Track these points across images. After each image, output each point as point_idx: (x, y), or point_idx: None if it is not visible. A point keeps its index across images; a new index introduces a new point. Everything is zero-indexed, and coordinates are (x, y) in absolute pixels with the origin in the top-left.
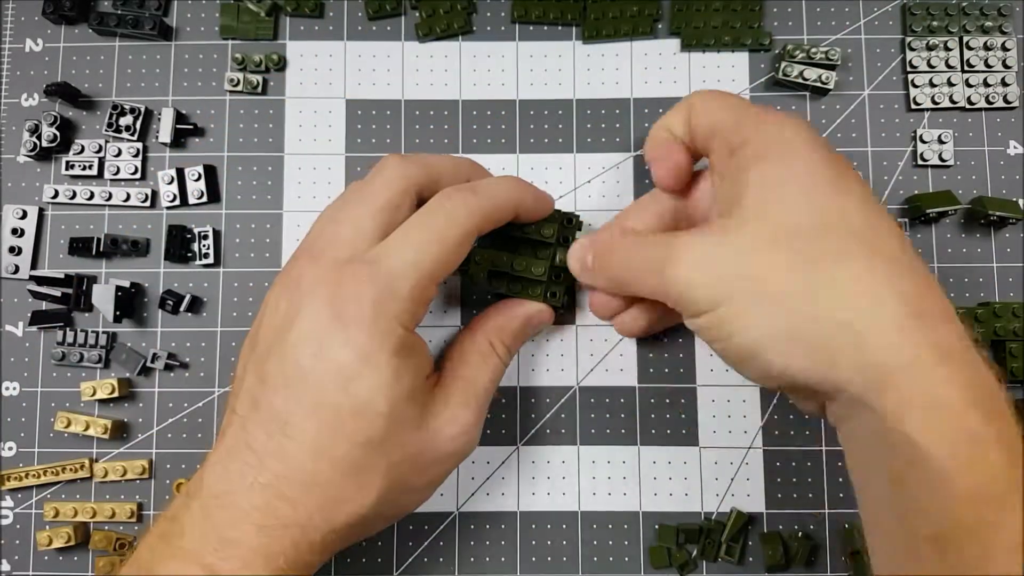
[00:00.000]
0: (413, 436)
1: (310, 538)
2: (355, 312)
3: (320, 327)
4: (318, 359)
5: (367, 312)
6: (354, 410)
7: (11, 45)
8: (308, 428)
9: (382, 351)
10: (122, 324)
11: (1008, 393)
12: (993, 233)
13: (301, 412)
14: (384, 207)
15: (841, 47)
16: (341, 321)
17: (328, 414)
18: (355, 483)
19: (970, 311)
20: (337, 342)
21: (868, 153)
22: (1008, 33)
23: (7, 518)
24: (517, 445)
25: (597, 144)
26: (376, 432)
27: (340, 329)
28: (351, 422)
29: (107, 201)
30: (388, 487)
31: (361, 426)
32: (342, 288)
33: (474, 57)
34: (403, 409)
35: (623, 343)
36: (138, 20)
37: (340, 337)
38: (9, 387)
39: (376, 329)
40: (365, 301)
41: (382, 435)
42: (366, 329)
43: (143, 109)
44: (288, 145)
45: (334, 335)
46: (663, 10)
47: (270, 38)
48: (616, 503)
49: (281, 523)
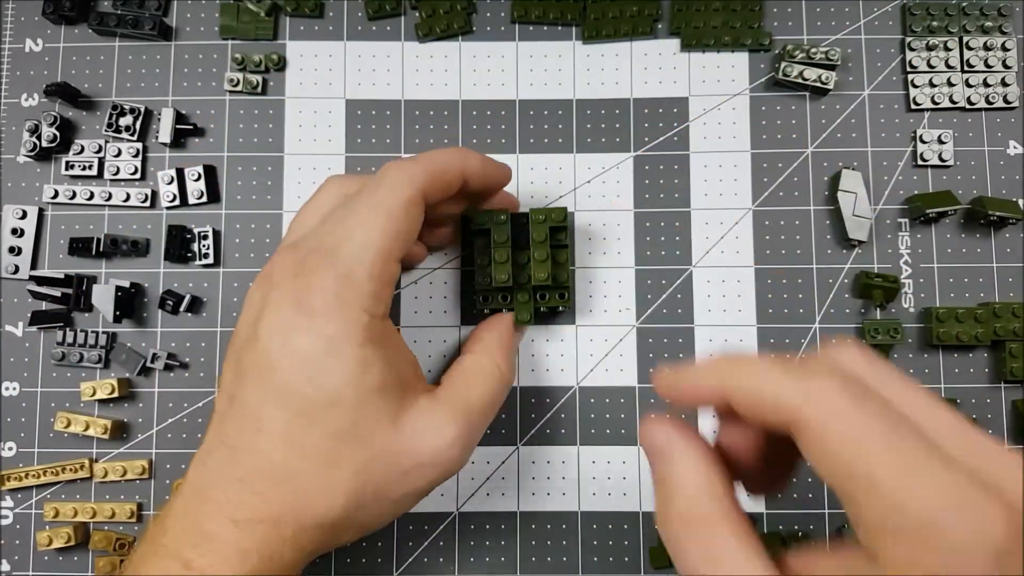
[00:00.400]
0: (386, 434)
1: (282, 534)
2: (319, 303)
3: (286, 318)
4: (285, 350)
5: (331, 302)
6: (321, 401)
7: (11, 45)
8: (278, 420)
9: (348, 342)
10: (122, 324)
11: None
12: (993, 233)
13: (272, 404)
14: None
15: (841, 47)
16: (306, 312)
17: (296, 405)
18: (325, 479)
19: (970, 311)
20: (302, 333)
21: (868, 153)
22: (1008, 33)
23: (7, 518)
24: (517, 445)
25: (597, 144)
26: (343, 423)
27: (305, 320)
28: (319, 413)
29: (107, 201)
30: (359, 488)
31: (328, 417)
32: (305, 278)
33: (474, 57)
34: (374, 401)
35: (623, 343)
36: (138, 20)
37: (305, 328)
38: (9, 387)
39: (341, 319)
40: (328, 291)
41: (349, 427)
42: (330, 319)
43: (143, 109)
44: (288, 145)
45: (299, 326)
46: (663, 10)
47: (270, 38)
48: (616, 503)
49: (255, 518)
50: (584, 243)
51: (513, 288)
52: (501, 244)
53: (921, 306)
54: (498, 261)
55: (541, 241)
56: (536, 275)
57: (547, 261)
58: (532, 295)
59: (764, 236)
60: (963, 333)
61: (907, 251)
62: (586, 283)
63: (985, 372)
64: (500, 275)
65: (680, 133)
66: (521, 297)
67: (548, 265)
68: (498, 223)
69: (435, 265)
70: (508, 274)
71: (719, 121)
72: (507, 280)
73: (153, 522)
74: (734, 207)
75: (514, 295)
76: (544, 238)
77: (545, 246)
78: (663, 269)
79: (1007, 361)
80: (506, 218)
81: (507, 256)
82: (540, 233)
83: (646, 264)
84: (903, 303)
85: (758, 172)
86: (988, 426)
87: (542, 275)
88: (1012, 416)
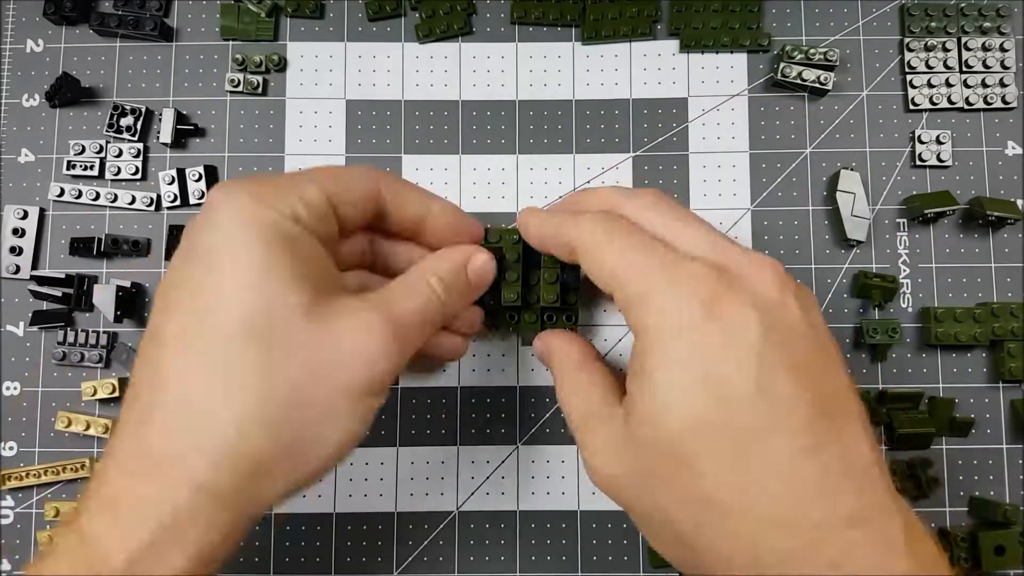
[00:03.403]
0: (297, 325)
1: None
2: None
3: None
4: (184, 253)
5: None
6: (219, 293)
7: (12, 46)
8: (173, 327)
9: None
10: (123, 324)
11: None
12: (991, 233)
13: (167, 314)
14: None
15: (840, 48)
16: (211, 213)
17: (191, 303)
18: (223, 382)
19: (968, 311)
20: (205, 232)
21: (867, 154)
22: (1006, 34)
23: (7, 518)
24: (517, 445)
25: (596, 145)
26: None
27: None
28: (213, 305)
29: (112, 203)
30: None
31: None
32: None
33: (474, 58)
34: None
35: (623, 343)
36: (139, 21)
37: (208, 226)
38: (10, 387)
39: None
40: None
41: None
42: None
43: (144, 109)
44: (288, 146)
45: (202, 227)
46: (662, 11)
47: (270, 39)
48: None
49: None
50: None
51: (521, 307)
52: (512, 264)
53: (919, 306)
54: (508, 281)
55: (552, 262)
56: (545, 297)
57: (556, 283)
58: (540, 316)
59: (763, 236)
60: (961, 333)
61: (905, 251)
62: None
63: (983, 372)
64: (509, 295)
65: (679, 134)
66: (528, 317)
67: (557, 287)
68: (511, 242)
69: None
70: (517, 294)
71: (718, 122)
72: (515, 300)
73: None
74: (733, 207)
75: (521, 315)
76: (554, 259)
77: (555, 268)
78: None
79: (1005, 361)
80: (519, 238)
81: (518, 276)
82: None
83: None
84: (901, 303)
85: (757, 172)
86: (987, 426)
87: (551, 297)
88: (1010, 416)
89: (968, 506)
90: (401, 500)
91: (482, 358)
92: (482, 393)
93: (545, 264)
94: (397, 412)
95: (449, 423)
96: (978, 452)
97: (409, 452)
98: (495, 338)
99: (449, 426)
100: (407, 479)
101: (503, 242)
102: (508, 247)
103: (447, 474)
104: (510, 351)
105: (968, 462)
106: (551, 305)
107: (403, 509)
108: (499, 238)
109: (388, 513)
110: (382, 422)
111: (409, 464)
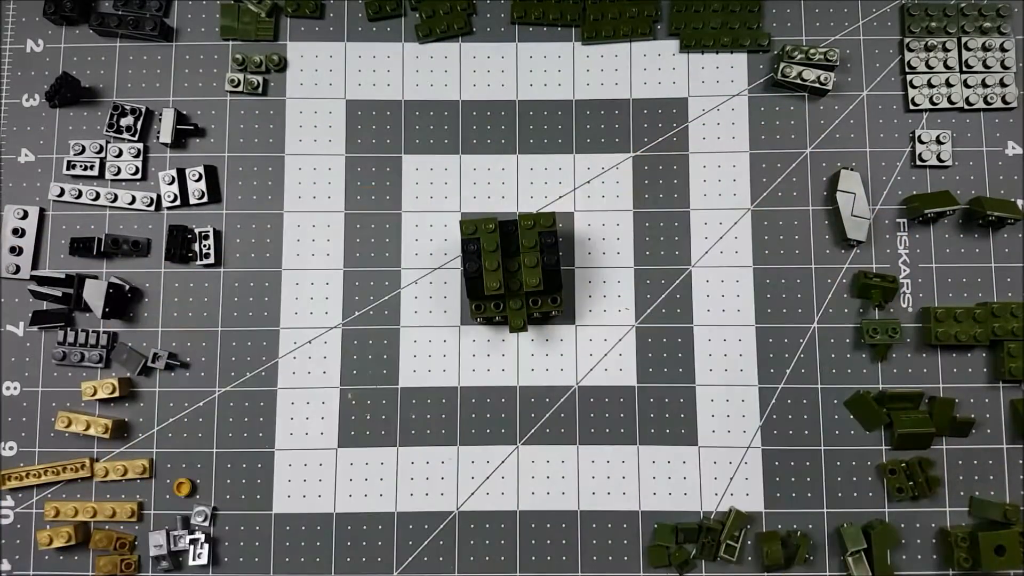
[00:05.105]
0: None
1: None
2: None
3: None
4: None
5: None
6: None
7: (12, 46)
8: None
9: None
10: (123, 324)
11: None
12: (991, 233)
13: None
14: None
15: (840, 48)
16: None
17: None
18: None
19: (968, 311)
20: None
21: (867, 154)
22: (1007, 34)
23: (7, 518)
24: (517, 445)
25: (596, 144)
26: None
27: None
28: None
29: (112, 203)
30: None
31: None
32: None
33: (474, 58)
34: None
35: (622, 343)
36: (139, 21)
37: None
38: (10, 387)
39: None
40: None
41: None
42: None
43: (144, 109)
44: (288, 145)
45: None
46: (662, 11)
47: (270, 39)
48: (616, 503)
49: None
50: (584, 243)
51: (505, 295)
52: (490, 252)
53: (919, 306)
54: (488, 269)
55: (531, 247)
56: (527, 281)
57: (537, 267)
58: (525, 301)
59: (763, 236)
60: (961, 333)
61: (905, 251)
62: (585, 283)
63: (983, 372)
64: (491, 283)
65: (679, 134)
66: (513, 304)
67: (539, 271)
68: (487, 231)
69: (435, 265)
70: (499, 282)
71: (718, 122)
72: (498, 288)
73: None
74: (733, 207)
75: (506, 302)
76: (534, 244)
77: (535, 252)
78: (662, 269)
79: (1005, 361)
80: (495, 226)
81: (497, 264)
82: (529, 239)
83: (645, 264)
84: (901, 303)
85: (757, 172)
86: (987, 426)
87: (533, 281)
88: (1010, 415)
89: (968, 506)
90: (401, 500)
91: (482, 358)
92: (482, 393)
93: (524, 250)
94: (397, 412)
95: (449, 423)
96: (978, 452)
97: (409, 452)
98: (487, 330)
99: (449, 426)
100: (407, 479)
101: (479, 232)
102: (485, 237)
103: (447, 474)
104: (510, 351)
105: (968, 462)
106: (535, 289)
107: (403, 509)
108: (475, 229)
109: (388, 513)
110: (382, 422)
111: (409, 464)
